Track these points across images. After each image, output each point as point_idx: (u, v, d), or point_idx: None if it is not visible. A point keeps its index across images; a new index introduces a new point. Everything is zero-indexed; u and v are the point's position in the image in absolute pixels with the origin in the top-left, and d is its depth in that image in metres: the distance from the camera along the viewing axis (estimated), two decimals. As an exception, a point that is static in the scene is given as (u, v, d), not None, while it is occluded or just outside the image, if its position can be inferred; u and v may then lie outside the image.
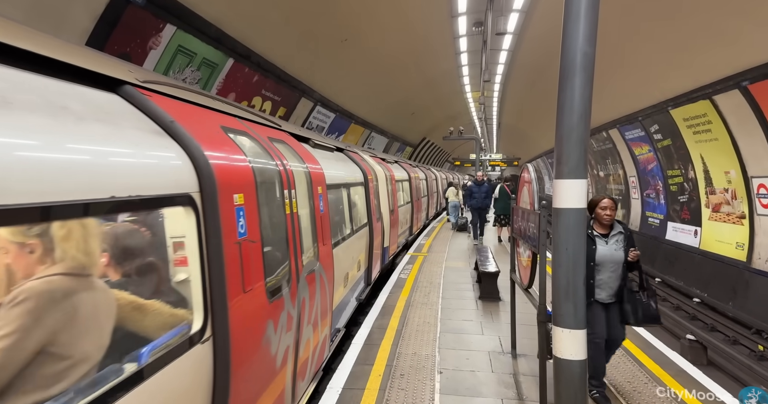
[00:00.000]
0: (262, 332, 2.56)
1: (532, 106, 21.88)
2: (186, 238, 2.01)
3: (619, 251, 3.55)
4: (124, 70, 2.19)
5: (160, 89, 2.28)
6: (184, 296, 2.03)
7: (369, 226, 6.97)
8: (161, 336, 1.82)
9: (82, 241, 1.52)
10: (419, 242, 12.16)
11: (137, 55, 5.51)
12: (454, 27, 12.33)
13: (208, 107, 2.74)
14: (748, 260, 8.86)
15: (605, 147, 16.31)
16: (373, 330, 5.32)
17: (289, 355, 3.05)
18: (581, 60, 2.37)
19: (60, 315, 1.44)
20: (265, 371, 2.62)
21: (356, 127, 16.06)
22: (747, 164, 8.70)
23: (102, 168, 1.56)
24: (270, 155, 3.12)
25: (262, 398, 2.60)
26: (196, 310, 1.99)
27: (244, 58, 7.56)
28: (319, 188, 4.23)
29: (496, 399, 3.77)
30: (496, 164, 34.14)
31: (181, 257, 2.04)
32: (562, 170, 2.50)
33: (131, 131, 1.82)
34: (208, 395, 2.05)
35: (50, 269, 1.44)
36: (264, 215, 2.71)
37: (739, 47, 7.52)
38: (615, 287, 3.55)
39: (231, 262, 2.19)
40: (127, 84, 2.02)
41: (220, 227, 2.13)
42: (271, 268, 2.74)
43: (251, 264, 2.43)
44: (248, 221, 2.44)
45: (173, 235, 2.06)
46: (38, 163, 1.32)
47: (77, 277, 1.51)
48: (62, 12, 4.40)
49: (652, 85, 10.76)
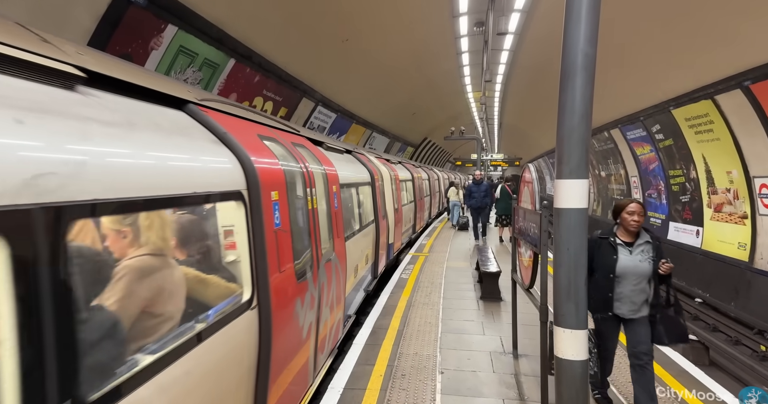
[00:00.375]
0: (293, 306, 3.08)
1: (533, 106, 21.85)
2: (235, 226, 2.49)
3: (645, 262, 3.22)
4: (185, 90, 2.73)
5: (212, 105, 2.79)
6: (234, 273, 2.50)
7: (376, 223, 7.41)
8: (221, 302, 2.30)
9: (161, 229, 1.99)
10: (420, 243, 12.16)
11: (139, 56, 5.52)
12: (455, 27, 12.32)
13: (246, 118, 3.26)
14: (750, 261, 8.84)
15: (607, 147, 16.29)
16: (374, 330, 5.33)
17: (312, 330, 3.57)
18: (582, 60, 2.37)
19: (151, 285, 1.90)
20: (295, 339, 3.16)
21: (357, 127, 16.06)
22: (749, 164, 8.68)
23: (186, 170, 2.07)
24: (295, 158, 3.63)
25: (293, 360, 3.13)
26: (245, 284, 2.45)
27: (245, 58, 7.57)
28: (334, 187, 4.78)
29: (498, 399, 3.77)
30: (497, 164, 34.12)
31: (231, 242, 2.53)
32: (563, 170, 2.50)
33: (199, 141, 2.31)
34: (255, 351, 2.53)
35: (140, 251, 1.90)
36: (292, 210, 3.23)
37: (741, 47, 7.51)
38: (638, 302, 3.25)
39: (270, 247, 2.68)
40: (190, 103, 2.52)
41: (263, 217, 2.62)
42: (298, 254, 3.23)
43: (284, 250, 2.93)
44: (281, 214, 2.96)
45: (224, 224, 2.54)
46: (158, 166, 1.86)
47: (159, 257, 1.97)
48: (64, 12, 4.41)
49: (654, 85, 10.74)
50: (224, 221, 2.52)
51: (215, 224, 2.52)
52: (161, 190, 1.78)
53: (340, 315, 4.72)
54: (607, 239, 3.35)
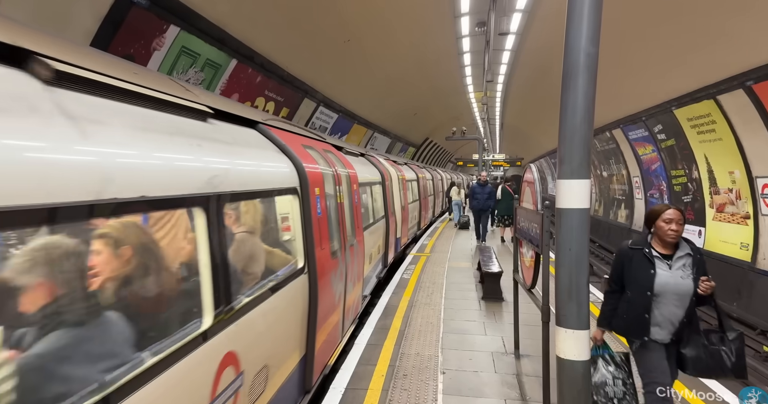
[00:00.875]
0: (330, 277, 3.99)
1: (535, 106, 21.82)
2: (291, 213, 3.43)
3: (687, 279, 2.77)
4: (254, 112, 3.73)
5: (273, 123, 3.70)
6: (291, 248, 3.47)
7: (386, 218, 8.19)
8: (285, 267, 3.26)
9: (256, 213, 3.01)
10: (422, 243, 12.15)
11: (141, 57, 5.53)
12: (456, 27, 12.31)
13: (291, 131, 4.07)
14: (752, 261, 8.82)
15: (609, 147, 16.27)
16: (375, 330, 5.33)
17: (341, 298, 4.53)
18: (584, 60, 2.37)
19: (245, 251, 2.78)
20: (332, 300, 4.08)
21: (359, 127, 16.07)
22: (751, 164, 8.65)
23: (268, 172, 3.02)
24: (327, 162, 4.52)
25: (330, 317, 4.09)
26: (299, 256, 3.42)
27: (247, 58, 7.58)
28: (354, 185, 5.68)
29: (499, 399, 3.76)
30: (499, 164, 34.07)
31: (287, 226, 3.47)
32: (565, 171, 2.49)
33: (270, 152, 3.21)
34: (306, 304, 3.45)
35: (240, 228, 2.83)
36: (328, 203, 4.10)
37: (743, 47, 7.49)
38: (678, 325, 2.80)
39: (315, 230, 3.57)
40: (259, 123, 3.42)
41: (311, 207, 3.53)
42: (331, 237, 4.13)
43: (323, 233, 3.81)
44: (321, 206, 3.83)
45: (282, 212, 3.46)
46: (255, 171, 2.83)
47: (250, 233, 2.91)
48: (66, 13, 4.42)
49: (656, 85, 10.72)
50: (283, 210, 3.46)
51: (275, 212, 3.47)
52: (256, 185, 2.72)
53: (359, 292, 5.68)
54: (641, 250, 2.88)
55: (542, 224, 3.36)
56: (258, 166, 2.88)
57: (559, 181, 2.54)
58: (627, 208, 15.81)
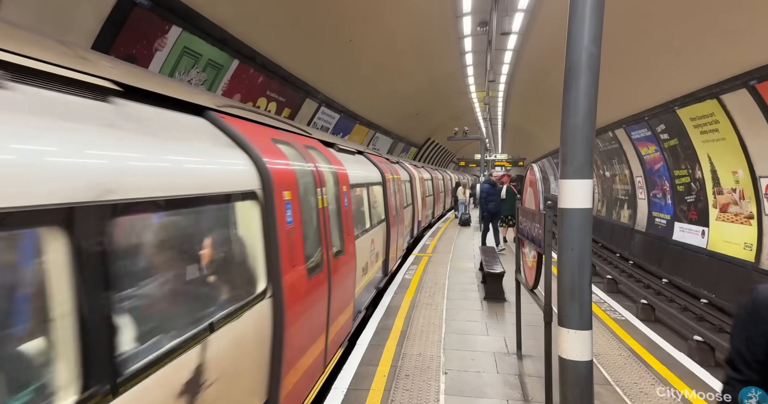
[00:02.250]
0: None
1: (537, 106, 21.80)
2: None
3: None
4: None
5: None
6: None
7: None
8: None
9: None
10: (424, 243, 12.14)
11: (143, 57, 5.54)
12: (458, 27, 12.31)
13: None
14: (756, 261, 8.78)
15: (611, 147, 16.23)
16: (377, 330, 5.32)
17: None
18: (587, 60, 2.36)
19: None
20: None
21: (361, 127, 16.07)
22: (755, 164, 8.62)
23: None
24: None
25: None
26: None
27: (249, 59, 7.59)
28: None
29: (501, 399, 3.76)
30: (501, 164, 34.06)
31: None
32: (567, 170, 2.48)
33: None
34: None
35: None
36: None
37: (746, 46, 7.46)
38: None
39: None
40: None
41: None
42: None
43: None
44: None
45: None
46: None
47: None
48: (69, 14, 4.44)
49: (659, 84, 10.70)
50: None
51: None
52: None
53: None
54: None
55: (544, 224, 3.35)
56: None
57: (561, 181, 2.53)
58: (630, 208, 15.76)
